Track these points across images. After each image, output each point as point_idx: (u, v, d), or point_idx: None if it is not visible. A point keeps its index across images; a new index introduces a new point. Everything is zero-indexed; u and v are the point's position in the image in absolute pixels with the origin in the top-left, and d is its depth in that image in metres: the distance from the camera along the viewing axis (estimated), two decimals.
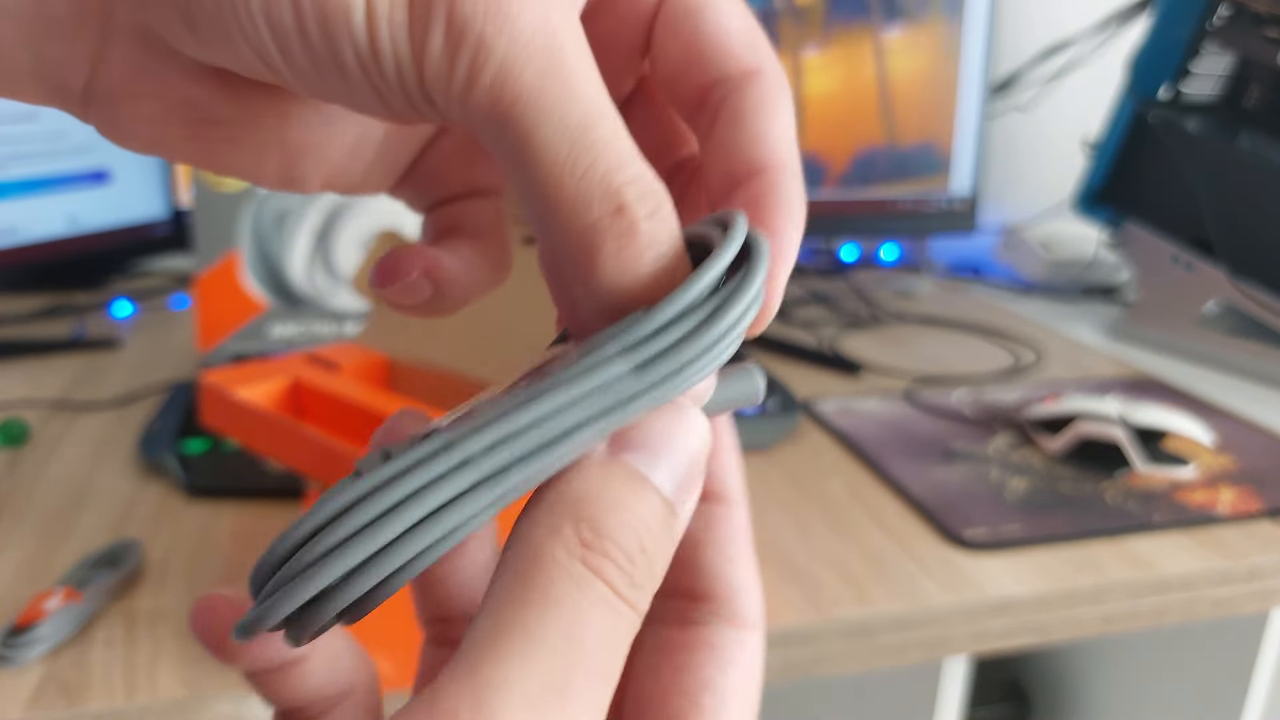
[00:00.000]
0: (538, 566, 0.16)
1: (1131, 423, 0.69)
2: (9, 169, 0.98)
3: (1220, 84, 1.01)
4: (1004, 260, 1.23)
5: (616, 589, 0.16)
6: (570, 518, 0.16)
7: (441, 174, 0.24)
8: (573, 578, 0.16)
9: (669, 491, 0.17)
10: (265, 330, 0.81)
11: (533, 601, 0.15)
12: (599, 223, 0.17)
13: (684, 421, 0.18)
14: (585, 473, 0.17)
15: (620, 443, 0.17)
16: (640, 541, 0.16)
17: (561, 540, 0.16)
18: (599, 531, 0.16)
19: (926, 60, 1.10)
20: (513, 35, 0.16)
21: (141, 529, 0.59)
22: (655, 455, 0.17)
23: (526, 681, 0.15)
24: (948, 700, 0.66)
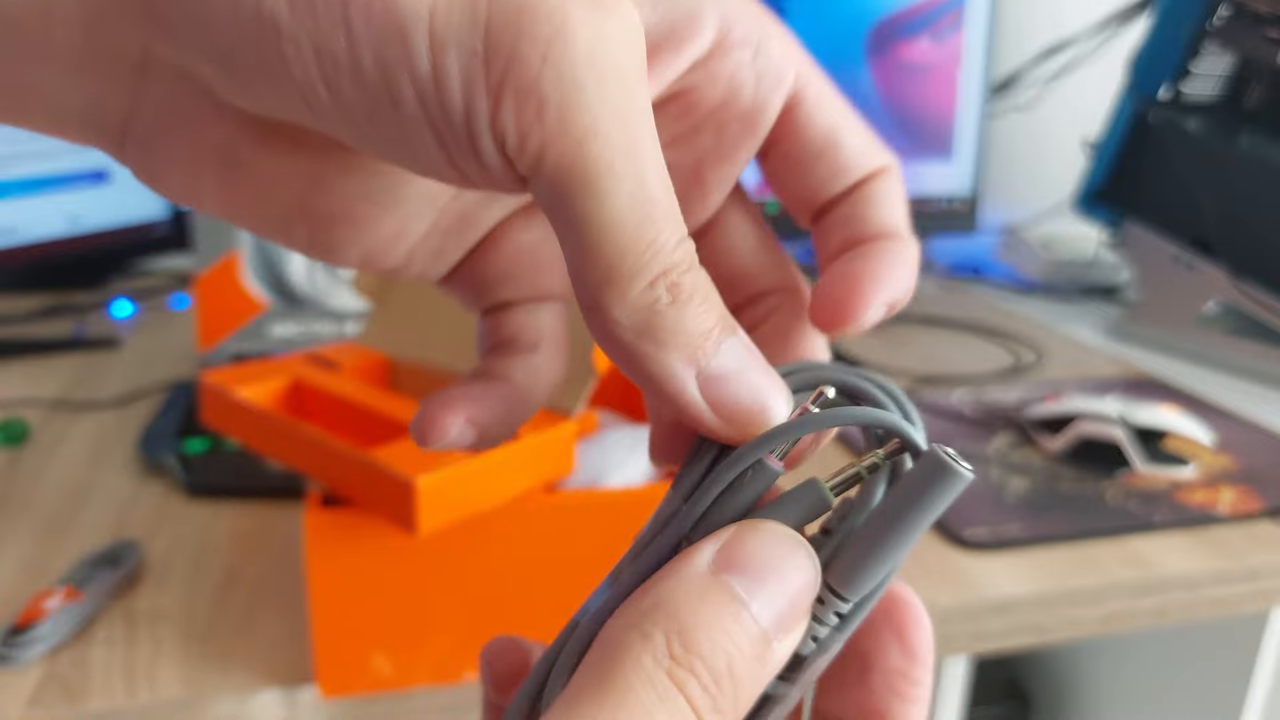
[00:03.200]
0: (620, 667, 0.16)
1: (1131, 423, 0.69)
2: (9, 169, 0.98)
3: (1220, 84, 1.01)
4: (1004, 260, 1.23)
5: (697, 708, 0.16)
6: (663, 626, 0.16)
7: (501, 273, 0.23)
8: (654, 686, 0.15)
9: (766, 623, 0.17)
10: (265, 330, 0.81)
11: (609, 701, 0.15)
12: (655, 285, 0.17)
13: (792, 554, 0.17)
14: (685, 583, 0.16)
15: (724, 562, 0.17)
16: (730, 666, 0.16)
17: (650, 647, 0.16)
18: (689, 647, 0.16)
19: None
20: (605, 95, 0.16)
21: (141, 529, 0.59)
22: (757, 582, 0.17)
23: None
24: (948, 700, 0.66)
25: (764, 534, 0.17)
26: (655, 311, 0.17)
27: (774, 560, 0.17)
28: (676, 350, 0.17)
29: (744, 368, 0.18)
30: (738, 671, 0.16)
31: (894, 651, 0.19)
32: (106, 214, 1.07)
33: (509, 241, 0.23)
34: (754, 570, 0.17)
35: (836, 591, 0.18)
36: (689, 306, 0.17)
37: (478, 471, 0.45)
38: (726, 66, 0.20)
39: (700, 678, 0.16)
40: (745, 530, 0.17)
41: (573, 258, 0.17)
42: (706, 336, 0.18)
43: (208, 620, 0.51)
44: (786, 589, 0.17)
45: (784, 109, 0.21)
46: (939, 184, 1.13)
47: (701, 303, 0.18)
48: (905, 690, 0.19)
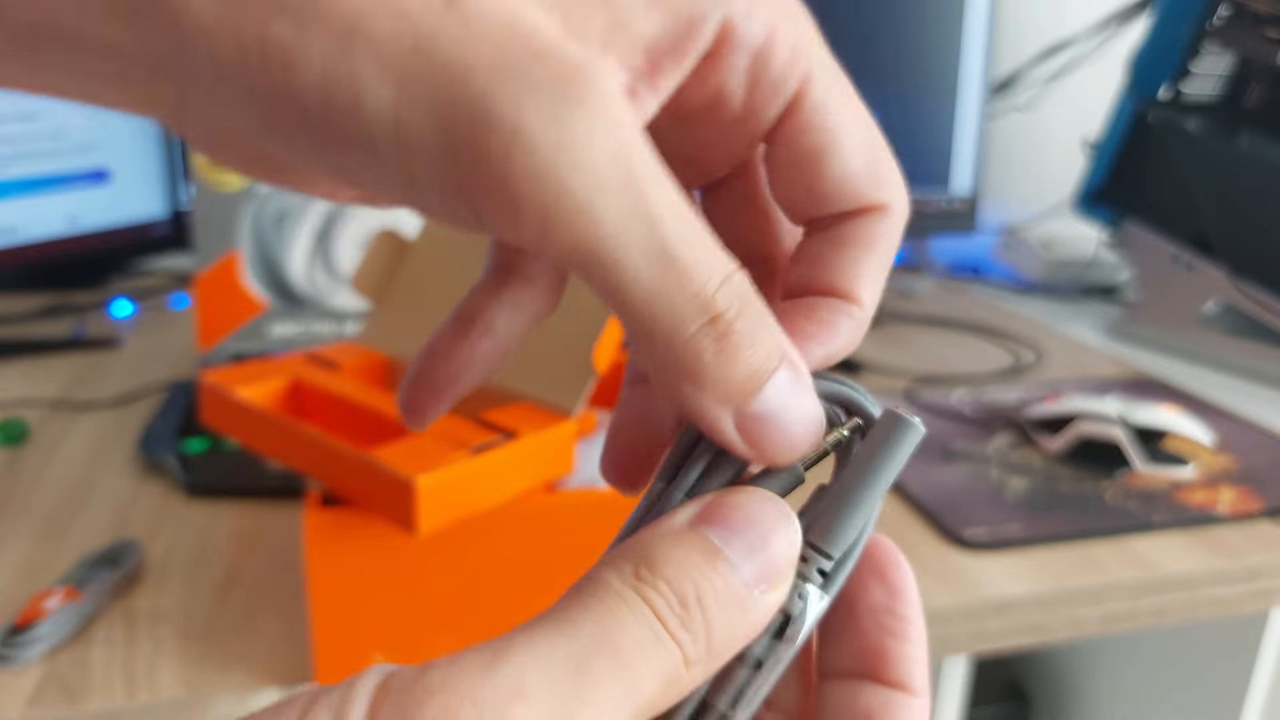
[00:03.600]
0: (589, 585, 0.16)
1: (1131, 422, 0.69)
2: (9, 169, 0.98)
3: (1220, 84, 1.01)
4: (1004, 260, 1.23)
5: (661, 616, 0.16)
6: (632, 559, 0.17)
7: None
8: (619, 594, 0.16)
9: (745, 573, 0.17)
10: (265, 330, 0.81)
11: (573, 604, 0.16)
12: (696, 337, 0.17)
13: (772, 511, 0.18)
14: (660, 532, 0.17)
15: (703, 515, 0.17)
16: (698, 594, 0.16)
17: (617, 570, 0.16)
18: (654, 570, 0.16)
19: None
20: (582, 187, 0.16)
21: (141, 528, 0.59)
22: (735, 534, 0.17)
23: (550, 655, 0.15)
24: (948, 700, 0.66)
25: (744, 493, 0.18)
26: (700, 362, 0.17)
27: (753, 516, 0.17)
28: (715, 396, 0.17)
29: (785, 406, 0.18)
30: (708, 603, 0.16)
31: (876, 590, 0.20)
32: (106, 214, 1.07)
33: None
34: (732, 524, 0.17)
35: (818, 547, 0.19)
36: (738, 354, 0.17)
37: (478, 471, 0.45)
38: (717, 73, 0.19)
39: (665, 597, 0.16)
40: (725, 492, 0.18)
41: (617, 314, 0.17)
42: (751, 379, 0.18)
43: (208, 620, 0.51)
44: (766, 542, 0.17)
45: (781, 116, 0.20)
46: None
47: (750, 346, 0.17)
48: (896, 628, 0.20)
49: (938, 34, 1.09)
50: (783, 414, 0.18)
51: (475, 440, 0.46)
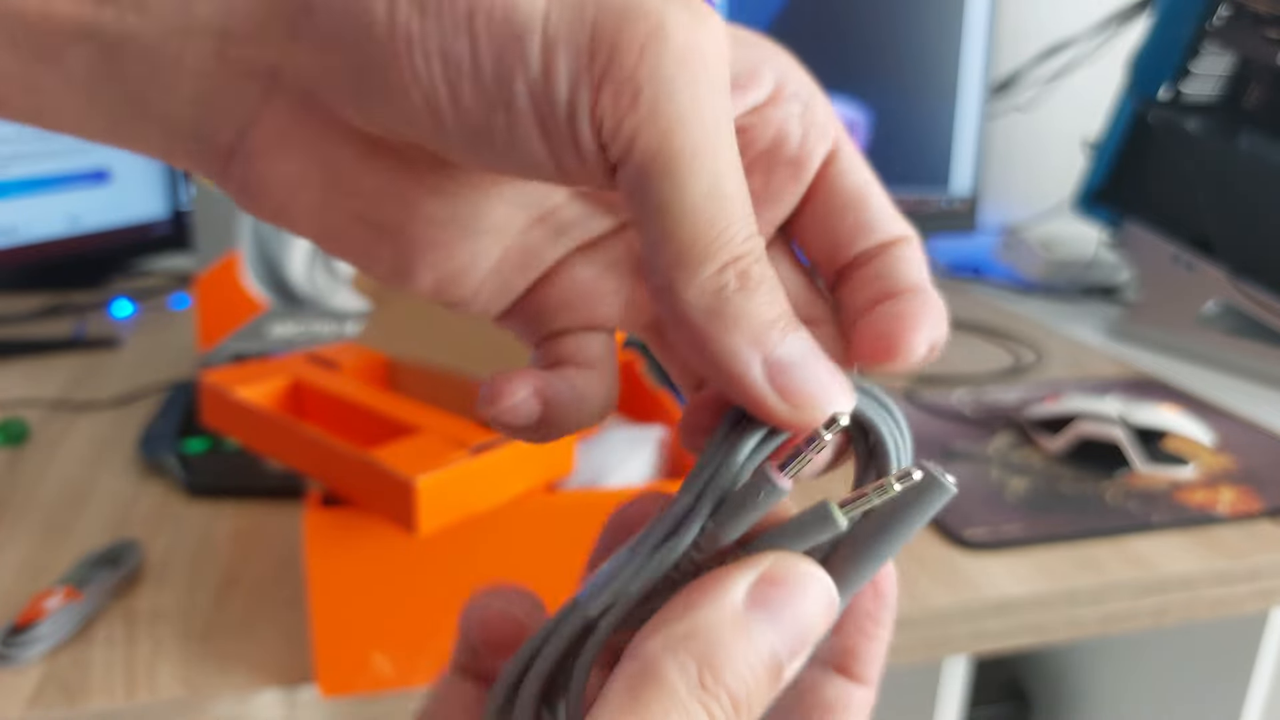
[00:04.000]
0: (657, 689, 0.17)
1: (1131, 423, 0.69)
2: (9, 169, 0.98)
3: (1220, 84, 1.01)
4: (1004, 260, 1.23)
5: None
6: (697, 656, 0.18)
7: (559, 304, 0.24)
8: (685, 707, 0.17)
9: (783, 654, 0.18)
10: (265, 330, 0.81)
11: (637, 706, 0.17)
12: (723, 272, 0.18)
13: (819, 599, 0.19)
14: (720, 616, 0.18)
15: (758, 600, 0.18)
16: (749, 695, 0.18)
17: (685, 676, 0.17)
18: (718, 679, 0.17)
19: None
20: (693, 92, 0.18)
21: (141, 528, 0.59)
22: (785, 623, 0.18)
23: None
24: (948, 700, 0.66)
25: (796, 577, 0.19)
26: (723, 297, 0.18)
27: (803, 605, 0.19)
28: (742, 334, 0.19)
29: (809, 359, 0.19)
30: (755, 697, 0.18)
31: (868, 596, 0.21)
32: (106, 214, 1.07)
33: (568, 275, 0.24)
34: (785, 614, 0.18)
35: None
36: (756, 294, 0.19)
37: (478, 471, 0.45)
38: (778, 114, 0.22)
39: (724, 706, 0.17)
40: (780, 570, 0.19)
41: (650, 242, 0.19)
42: (772, 325, 0.19)
43: (208, 620, 0.51)
44: (808, 628, 0.19)
45: (823, 163, 0.22)
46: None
47: (769, 293, 0.19)
48: (873, 630, 0.22)
49: (938, 34, 1.09)
50: (810, 364, 0.19)
51: (475, 440, 0.46)
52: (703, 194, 0.18)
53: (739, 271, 0.19)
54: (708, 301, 0.18)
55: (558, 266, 0.24)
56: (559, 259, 0.24)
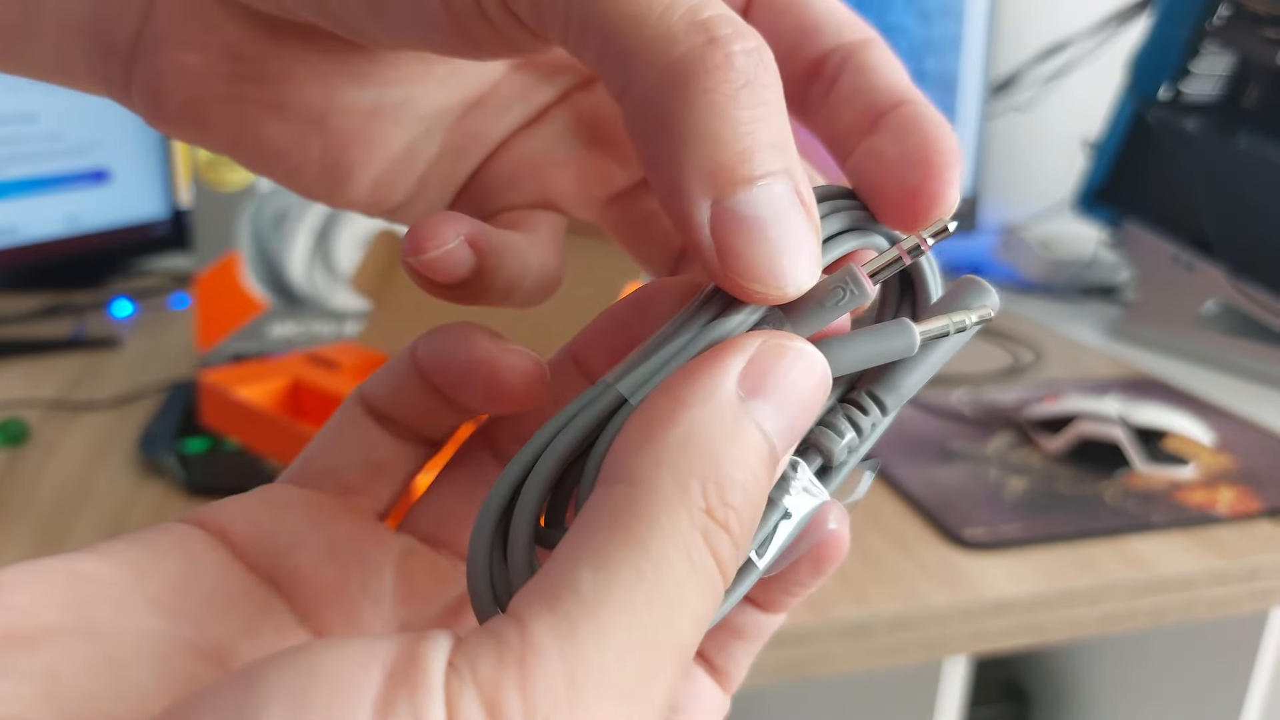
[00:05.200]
0: (657, 527, 0.14)
1: (1131, 422, 0.69)
2: (9, 169, 0.98)
3: (1220, 84, 1.01)
4: (1004, 260, 1.23)
5: (725, 570, 0.15)
6: (699, 474, 0.15)
7: (507, 180, 0.22)
8: (689, 555, 0.15)
9: (780, 445, 0.16)
10: (265, 330, 0.81)
11: (647, 568, 0.14)
12: (687, 55, 0.15)
13: (814, 373, 0.16)
14: (718, 415, 0.15)
15: (751, 387, 0.16)
16: (753, 514, 0.16)
17: (687, 503, 0.15)
18: (726, 500, 0.15)
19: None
20: None
21: (141, 528, 0.59)
22: (781, 407, 0.16)
23: (624, 671, 0.14)
24: (947, 700, 0.66)
25: (790, 354, 0.16)
26: (687, 99, 0.15)
27: (799, 386, 0.16)
28: (696, 167, 0.15)
29: (777, 217, 0.15)
30: (755, 506, 0.16)
31: (804, 569, 0.19)
32: (106, 214, 1.07)
33: (515, 150, 0.22)
34: (779, 398, 0.16)
35: (879, 399, 0.19)
36: (732, 105, 0.15)
37: None
38: None
39: (733, 533, 0.15)
40: (771, 350, 0.16)
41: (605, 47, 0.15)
42: (743, 160, 0.15)
43: None
44: (804, 411, 0.16)
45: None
46: None
47: (760, 105, 0.15)
48: (799, 591, 0.20)
49: (938, 34, 1.09)
50: (771, 225, 0.15)
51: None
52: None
53: (715, 61, 0.15)
54: (668, 104, 0.15)
55: (503, 145, 0.22)
56: (503, 138, 0.22)
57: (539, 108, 0.22)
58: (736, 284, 0.16)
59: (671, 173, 0.15)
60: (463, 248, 0.19)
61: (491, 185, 0.22)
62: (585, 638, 0.14)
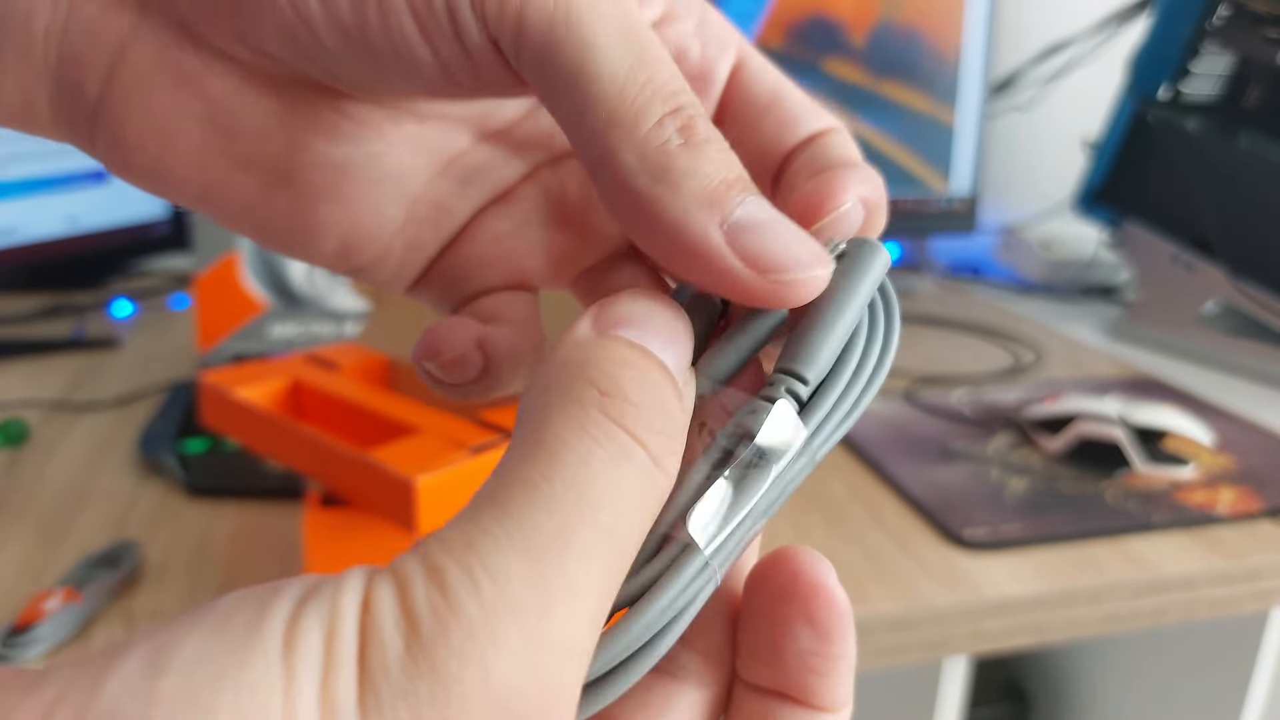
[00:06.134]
0: (548, 421, 0.15)
1: (1131, 423, 0.69)
2: (9, 169, 0.98)
3: (1220, 84, 1.01)
4: (1004, 260, 1.23)
5: (638, 435, 0.15)
6: (582, 378, 0.15)
7: (477, 264, 0.23)
8: (586, 427, 0.15)
9: (669, 361, 0.16)
10: (265, 330, 0.81)
11: (541, 454, 0.15)
12: (663, 125, 0.17)
13: (657, 304, 0.17)
14: (580, 343, 0.16)
15: (604, 323, 0.16)
16: (659, 399, 0.16)
17: (575, 396, 0.15)
18: (616, 385, 0.15)
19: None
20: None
21: (141, 529, 0.59)
22: (643, 329, 0.16)
23: (524, 529, 0.14)
24: (947, 700, 0.66)
25: (626, 295, 0.17)
26: (668, 152, 0.17)
27: (646, 310, 0.17)
28: (694, 195, 0.17)
29: (773, 219, 0.17)
30: (668, 405, 0.16)
31: (804, 635, 0.18)
32: (106, 214, 1.07)
33: (484, 231, 0.23)
34: (634, 323, 0.16)
35: (789, 370, 0.18)
36: (705, 149, 0.17)
37: (478, 471, 0.45)
38: (673, 33, 0.21)
39: (638, 406, 0.15)
40: (610, 299, 0.17)
41: (573, 117, 0.17)
42: (728, 185, 0.17)
43: None
44: (671, 331, 0.17)
45: (730, 74, 0.22)
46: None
47: (719, 151, 0.17)
48: (824, 667, 0.18)
49: (938, 34, 1.09)
50: (772, 224, 0.17)
51: (475, 440, 0.46)
52: (617, 42, 0.17)
53: (681, 124, 0.17)
54: (651, 161, 0.17)
55: (471, 224, 0.22)
56: (471, 213, 0.22)
57: (507, 183, 0.23)
58: (773, 283, 0.17)
59: (673, 213, 0.17)
60: (474, 352, 0.21)
61: (464, 269, 0.23)
62: (483, 514, 0.14)
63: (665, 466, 0.16)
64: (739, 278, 0.17)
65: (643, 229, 0.17)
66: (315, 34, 0.17)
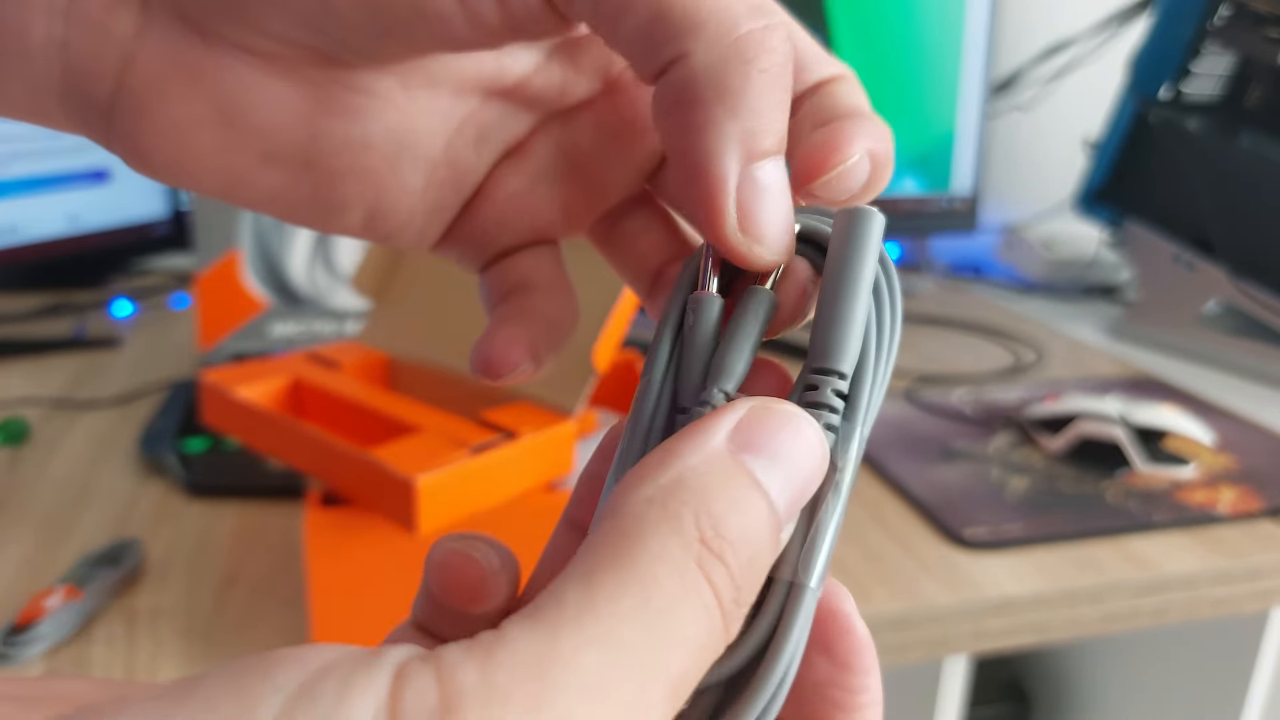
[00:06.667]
0: (644, 548, 0.14)
1: (1132, 422, 0.69)
2: (9, 168, 0.98)
3: (1220, 84, 1.01)
4: (1004, 260, 1.23)
5: (721, 600, 0.15)
6: (691, 507, 0.15)
7: (498, 221, 0.23)
8: (682, 576, 0.14)
9: (781, 510, 0.16)
10: (265, 329, 0.81)
11: (631, 586, 0.14)
12: (750, 35, 0.17)
13: (805, 436, 0.17)
14: (707, 462, 0.15)
15: (742, 442, 0.16)
16: (752, 555, 0.15)
17: (679, 530, 0.15)
18: (720, 533, 0.15)
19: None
20: None
21: (142, 527, 0.59)
22: (774, 464, 0.16)
23: (600, 677, 0.13)
24: (948, 700, 0.66)
25: (778, 416, 0.17)
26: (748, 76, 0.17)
27: (790, 444, 0.16)
28: (739, 131, 0.17)
29: (782, 188, 0.18)
30: (758, 561, 0.15)
31: (820, 665, 0.18)
32: (106, 213, 1.07)
33: (501, 188, 0.23)
34: (771, 453, 0.16)
35: (824, 369, 0.18)
36: (781, 77, 0.17)
37: (478, 471, 0.45)
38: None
39: (730, 567, 0.15)
40: (760, 411, 0.16)
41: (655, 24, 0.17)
42: (768, 133, 0.17)
43: (208, 619, 0.51)
44: (801, 474, 0.16)
45: None
46: None
47: (787, 90, 0.17)
48: (842, 699, 0.18)
49: (938, 34, 1.09)
50: (778, 195, 0.18)
51: (475, 440, 0.46)
52: None
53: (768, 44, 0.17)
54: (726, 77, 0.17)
55: (488, 182, 0.23)
56: (487, 170, 0.23)
57: (517, 137, 0.23)
58: (741, 243, 0.18)
59: (711, 136, 0.17)
60: (526, 362, 0.22)
61: (485, 225, 0.23)
62: (563, 637, 0.13)
63: (734, 631, 0.15)
64: (725, 223, 0.18)
65: (676, 137, 0.18)
66: (332, 8, 0.17)
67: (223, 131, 0.19)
